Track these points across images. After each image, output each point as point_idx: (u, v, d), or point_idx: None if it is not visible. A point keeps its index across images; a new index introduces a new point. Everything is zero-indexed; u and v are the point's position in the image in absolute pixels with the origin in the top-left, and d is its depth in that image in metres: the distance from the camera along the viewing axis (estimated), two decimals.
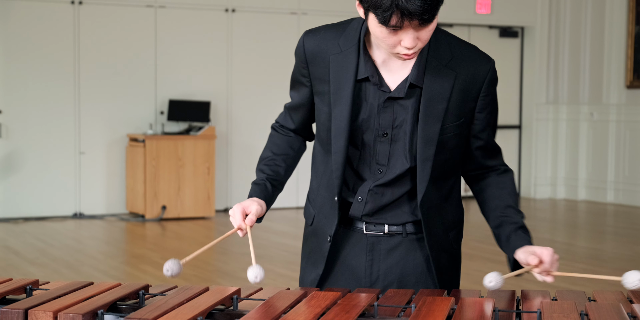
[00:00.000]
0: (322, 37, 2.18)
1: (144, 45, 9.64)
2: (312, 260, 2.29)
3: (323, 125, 2.21)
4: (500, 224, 2.21)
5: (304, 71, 2.22)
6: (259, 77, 10.15)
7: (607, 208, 10.64)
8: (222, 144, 10.05)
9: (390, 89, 2.13)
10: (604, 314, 1.77)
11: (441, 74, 2.11)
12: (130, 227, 9.02)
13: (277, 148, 2.33)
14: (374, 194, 2.18)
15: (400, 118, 2.13)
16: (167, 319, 1.72)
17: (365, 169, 2.19)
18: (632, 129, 10.64)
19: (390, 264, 2.24)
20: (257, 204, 2.16)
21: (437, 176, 2.18)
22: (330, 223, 2.23)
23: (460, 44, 2.17)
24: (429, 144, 2.12)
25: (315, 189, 2.30)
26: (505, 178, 2.27)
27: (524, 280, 6.39)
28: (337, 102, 2.14)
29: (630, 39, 10.59)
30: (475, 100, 2.15)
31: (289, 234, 8.54)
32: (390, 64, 2.13)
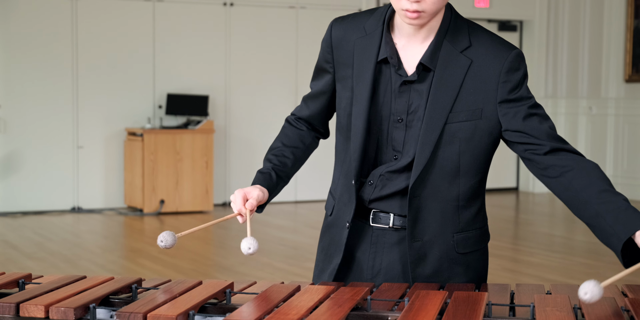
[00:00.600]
0: (349, 23, 2.20)
1: (142, 39, 9.63)
2: (331, 251, 2.26)
3: (344, 111, 2.20)
4: (598, 213, 1.95)
5: (328, 57, 2.23)
6: (257, 71, 10.14)
7: None
8: (221, 138, 10.04)
9: (407, 73, 2.13)
10: (598, 308, 1.77)
11: (455, 60, 2.09)
12: (128, 221, 9.02)
13: (288, 140, 2.32)
14: (385, 179, 2.17)
15: (415, 104, 2.12)
16: (159, 313, 1.71)
17: (383, 155, 2.18)
18: (631, 123, 10.63)
19: (393, 258, 2.22)
20: (259, 189, 2.14)
21: (449, 170, 2.12)
22: (348, 209, 2.21)
23: (483, 34, 2.13)
24: (432, 129, 2.09)
25: (336, 179, 2.28)
26: (588, 164, 2.04)
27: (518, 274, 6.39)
28: (358, 83, 2.15)
29: (629, 33, 10.58)
30: (494, 90, 2.09)
31: (288, 228, 8.54)
32: (409, 48, 2.13)
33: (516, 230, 8.88)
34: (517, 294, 2.04)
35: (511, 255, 7.19)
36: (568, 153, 2.08)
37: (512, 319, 1.80)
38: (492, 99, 2.09)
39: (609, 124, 10.88)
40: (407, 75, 2.12)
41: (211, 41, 9.94)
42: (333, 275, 2.24)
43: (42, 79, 9.27)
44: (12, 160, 9.20)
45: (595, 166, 2.04)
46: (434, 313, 1.71)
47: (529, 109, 2.09)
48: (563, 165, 2.06)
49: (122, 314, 1.72)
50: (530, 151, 2.10)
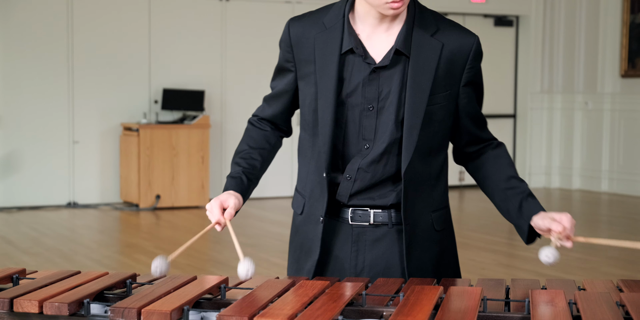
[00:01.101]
0: (307, 20, 2.22)
1: (138, 34, 9.61)
2: (306, 249, 2.26)
3: (309, 108, 2.20)
4: (506, 197, 2.19)
5: (288, 56, 2.23)
6: (253, 66, 10.12)
7: (601, 197, 10.65)
8: (217, 133, 10.03)
9: (375, 61, 2.14)
10: (593, 303, 1.76)
11: (428, 44, 2.14)
12: (124, 216, 9.01)
13: (254, 142, 2.31)
14: (363, 172, 2.17)
15: (385, 90, 2.14)
16: (153, 308, 1.70)
17: (352, 146, 2.18)
18: (627, 118, 10.64)
19: (376, 255, 2.22)
20: (234, 197, 2.14)
21: (425, 151, 2.17)
22: (320, 204, 2.20)
23: (444, 19, 2.21)
24: (416, 112, 2.12)
25: (304, 176, 2.28)
26: (500, 151, 2.27)
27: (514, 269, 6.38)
28: (322, 77, 2.15)
29: (625, 28, 10.57)
30: (461, 73, 2.17)
31: (283, 223, 8.53)
32: (374, 37, 2.16)
33: (511, 226, 8.87)
34: (513, 289, 2.04)
35: (507, 251, 7.20)
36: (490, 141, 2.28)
37: (508, 314, 1.80)
38: (458, 82, 2.18)
39: (605, 119, 10.88)
40: (375, 63, 2.14)
41: (207, 36, 9.92)
42: (311, 273, 2.23)
43: (38, 75, 9.25)
44: (11, 160, 9.19)
45: (505, 151, 2.27)
46: (429, 308, 1.70)
47: (478, 96, 2.24)
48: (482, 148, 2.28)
49: (117, 309, 1.71)
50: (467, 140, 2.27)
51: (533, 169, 11.49)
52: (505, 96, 11.62)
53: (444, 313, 1.67)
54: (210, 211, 2.12)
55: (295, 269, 2.31)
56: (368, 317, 1.83)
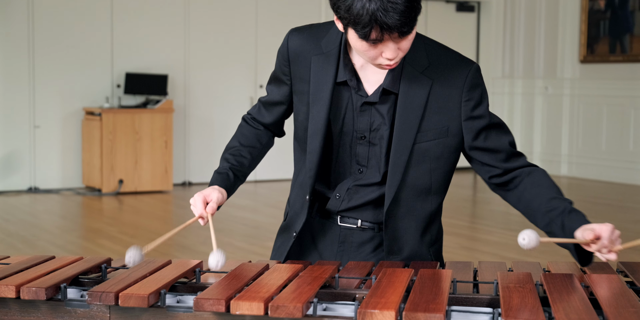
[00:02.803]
0: (307, 37, 2.19)
1: (100, 17, 9.53)
2: (279, 253, 2.30)
3: (301, 124, 2.22)
4: (550, 221, 2.07)
5: (285, 69, 2.23)
6: (216, 50, 10.10)
7: (560, 181, 10.79)
8: (180, 117, 10.01)
9: (367, 94, 2.14)
10: (559, 284, 1.82)
11: (417, 82, 2.10)
12: (86, 201, 8.97)
13: (245, 139, 2.33)
14: (353, 193, 2.20)
15: (377, 122, 2.15)
16: (130, 292, 1.73)
17: (346, 168, 2.20)
18: (586, 103, 10.78)
19: (360, 258, 2.26)
20: (218, 192, 2.16)
21: (423, 188, 2.17)
22: (299, 220, 2.24)
23: (439, 50, 2.15)
24: (401, 150, 2.12)
25: (293, 185, 2.33)
26: (536, 177, 2.15)
27: (477, 252, 6.44)
28: (315, 102, 2.16)
29: (584, 15, 10.69)
30: (458, 108, 2.12)
31: (247, 207, 8.55)
32: (369, 68, 2.14)
33: (474, 209, 8.99)
34: (480, 271, 2.08)
35: (469, 234, 7.28)
36: (521, 169, 2.17)
37: (477, 295, 1.85)
38: (457, 116, 2.13)
39: (565, 103, 11.02)
40: (367, 96, 2.14)
41: (170, 20, 9.87)
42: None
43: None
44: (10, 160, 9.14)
45: (543, 174, 2.15)
46: (401, 290, 1.74)
47: (489, 127, 2.16)
48: (515, 178, 2.17)
49: (94, 293, 1.73)
50: (488, 173, 2.19)
51: None
52: None
53: (416, 295, 1.71)
54: (194, 205, 2.13)
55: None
56: (341, 299, 1.87)
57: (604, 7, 10.49)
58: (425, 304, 1.65)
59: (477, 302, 1.84)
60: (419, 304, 1.64)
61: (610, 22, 10.44)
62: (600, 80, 10.59)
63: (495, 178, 2.20)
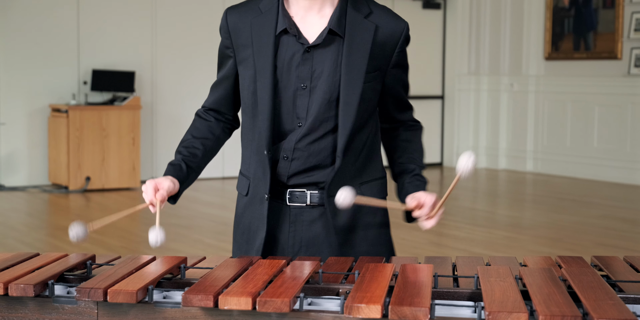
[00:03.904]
0: (243, 7, 2.30)
1: (66, 13, 9.47)
2: (254, 229, 2.31)
3: (248, 90, 2.27)
4: (399, 173, 2.34)
5: (227, 42, 2.31)
6: (184, 46, 10.08)
7: (526, 177, 10.90)
8: (147, 114, 9.98)
9: (308, 42, 2.22)
10: (538, 278, 1.86)
11: (362, 25, 2.23)
12: (53, 198, 8.92)
13: (197, 131, 2.38)
14: (299, 151, 2.24)
15: (319, 70, 2.22)
16: (119, 288, 1.75)
17: (287, 125, 2.24)
18: (551, 100, 10.90)
19: (312, 235, 2.29)
20: (170, 181, 2.20)
21: (357, 128, 2.25)
22: (264, 183, 2.26)
23: (376, 4, 2.30)
24: (353, 90, 2.20)
25: (247, 158, 2.34)
26: (413, 133, 2.40)
27: (445, 247, 6.48)
28: (259, 58, 2.22)
29: (549, 12, 10.81)
30: (390, 56, 2.27)
31: (216, 204, 8.56)
32: (308, 19, 2.24)
33: None
34: (459, 266, 2.12)
35: (437, 230, 7.34)
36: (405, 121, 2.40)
37: (457, 289, 1.89)
38: (387, 64, 2.27)
39: (530, 100, 11.14)
40: (308, 43, 2.22)
41: (137, 16, 9.83)
42: (260, 251, 2.28)
43: None
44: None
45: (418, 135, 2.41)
46: (385, 285, 1.78)
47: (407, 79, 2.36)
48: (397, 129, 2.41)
49: (83, 289, 1.75)
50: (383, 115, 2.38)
51: (460, 149, 11.70)
52: (433, 78, 11.79)
53: (400, 289, 1.75)
54: (145, 192, 2.18)
55: (245, 250, 2.35)
56: (325, 294, 1.90)
57: (568, 5, 10.62)
58: (410, 298, 1.68)
59: (458, 296, 1.88)
60: (403, 298, 1.68)
61: (575, 19, 10.57)
62: (565, 77, 10.73)
63: (385, 123, 2.40)
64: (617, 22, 10.08)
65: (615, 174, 10.19)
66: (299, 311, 1.73)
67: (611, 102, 10.22)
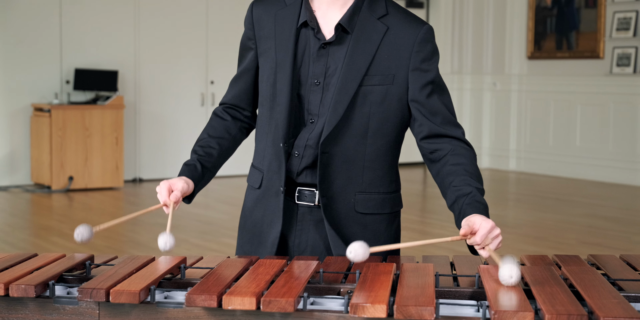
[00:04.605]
0: (269, 1, 2.29)
1: (48, 11, 9.41)
2: (267, 222, 2.28)
3: (267, 82, 2.25)
4: (454, 202, 2.14)
5: (250, 33, 2.30)
6: (167, 45, 10.04)
7: (509, 175, 10.94)
8: (130, 113, 9.93)
9: (325, 37, 2.21)
10: (539, 277, 1.86)
11: (372, 26, 2.20)
12: (36, 198, 8.86)
13: (214, 131, 2.35)
14: (310, 149, 2.22)
15: (332, 67, 2.20)
16: (121, 288, 1.73)
17: (301, 119, 2.23)
18: (533, 99, 10.95)
19: (319, 235, 2.27)
20: (184, 181, 2.18)
21: (360, 131, 2.20)
22: (279, 176, 2.24)
23: (398, 6, 2.26)
24: (345, 88, 2.17)
25: (261, 151, 2.30)
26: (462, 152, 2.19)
27: (429, 246, 6.47)
28: (280, 50, 2.22)
29: (531, 11, 10.85)
30: (408, 58, 2.19)
31: (201, 204, 8.53)
32: (329, 14, 2.22)
33: (425, 204, 9.08)
34: (457, 265, 2.12)
35: (421, 229, 7.36)
36: (452, 140, 2.21)
37: (459, 288, 1.88)
38: (405, 66, 2.20)
39: (512, 99, 11.18)
40: (325, 39, 2.21)
41: (120, 14, 9.78)
42: (275, 244, 2.25)
43: None
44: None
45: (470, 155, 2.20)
46: (388, 284, 1.78)
47: (435, 86, 2.21)
48: (443, 149, 2.20)
49: (85, 290, 1.74)
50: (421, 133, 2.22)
51: None
52: None
53: (404, 288, 1.75)
54: (159, 193, 2.17)
55: (256, 243, 2.31)
56: (326, 293, 1.90)
57: (550, 4, 10.66)
58: (415, 297, 1.68)
59: (459, 295, 1.88)
60: (408, 298, 1.68)
61: (557, 19, 10.61)
62: (547, 76, 10.77)
63: (425, 141, 2.23)
64: (599, 22, 10.14)
65: (598, 173, 10.24)
66: (302, 311, 1.72)
67: (593, 101, 10.27)
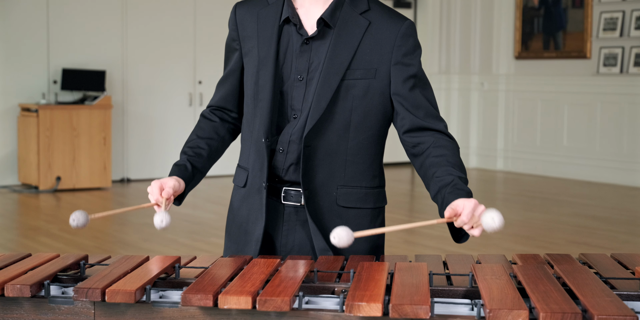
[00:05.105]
0: (251, 1, 2.31)
1: (36, 11, 9.38)
2: (252, 220, 2.28)
3: (251, 80, 2.26)
4: (437, 192, 2.13)
5: (234, 34, 2.32)
6: (155, 45, 10.02)
7: (496, 175, 10.98)
8: (118, 113, 9.91)
9: (307, 33, 2.23)
10: (533, 275, 1.87)
11: (354, 21, 2.22)
12: (23, 198, 8.84)
13: (202, 132, 2.36)
14: (294, 144, 2.23)
15: (315, 62, 2.22)
16: (117, 288, 1.73)
17: (283, 115, 2.24)
18: (521, 99, 10.98)
19: (305, 235, 2.27)
20: (174, 180, 2.19)
21: (342, 125, 2.21)
22: (262, 173, 2.24)
23: (381, 3, 2.29)
24: (328, 83, 2.18)
25: (247, 150, 2.32)
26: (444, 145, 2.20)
27: (418, 246, 6.49)
28: (263, 47, 2.23)
29: (519, 11, 10.89)
30: (390, 53, 2.21)
31: (188, 204, 8.52)
32: (311, 10, 2.24)
33: (412, 204, 9.10)
34: (450, 264, 2.13)
35: (409, 228, 7.36)
36: (434, 133, 2.23)
37: (452, 287, 1.89)
38: (387, 60, 2.22)
39: (500, 99, 11.21)
40: (308, 34, 2.23)
41: (108, 14, 9.76)
42: (259, 241, 2.25)
43: None
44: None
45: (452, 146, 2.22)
46: (382, 283, 1.78)
47: (417, 80, 2.23)
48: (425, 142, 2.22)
49: (80, 289, 1.74)
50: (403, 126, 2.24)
51: None
52: None
53: (399, 287, 1.75)
54: (150, 193, 2.17)
55: (242, 243, 2.31)
56: (320, 292, 1.90)
57: (537, 5, 10.70)
58: (410, 296, 1.69)
59: (453, 294, 1.89)
60: (403, 296, 1.68)
61: (544, 19, 10.65)
62: (535, 76, 10.81)
63: (408, 134, 2.24)
64: (586, 22, 10.18)
65: (585, 172, 10.28)
66: (298, 310, 1.73)
67: (580, 101, 10.31)
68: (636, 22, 9.77)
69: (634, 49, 9.77)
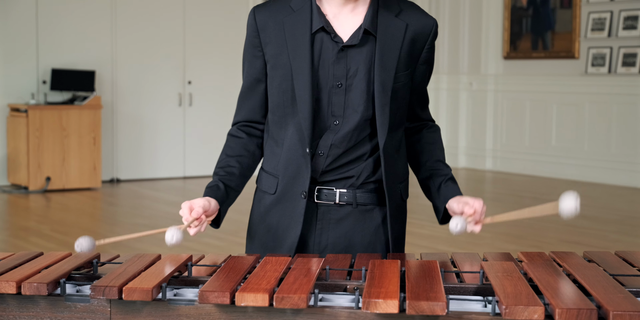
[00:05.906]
0: (271, 6, 2.28)
1: (25, 11, 9.35)
2: (283, 227, 2.28)
3: (277, 89, 2.25)
4: (430, 176, 2.34)
5: (255, 41, 2.28)
6: (144, 45, 10.01)
7: (485, 175, 11.01)
8: (108, 113, 9.89)
9: (342, 40, 2.23)
10: (543, 272, 1.89)
11: (393, 24, 2.24)
12: (13, 199, 8.81)
13: (231, 150, 2.33)
14: (335, 148, 2.24)
15: (353, 68, 2.23)
16: (134, 286, 1.74)
17: (322, 123, 2.24)
18: (509, 99, 11.03)
19: (339, 233, 2.29)
20: (204, 199, 2.15)
21: (392, 127, 2.27)
22: (302, 181, 2.25)
23: (405, 1, 2.32)
24: (385, 90, 2.21)
25: (276, 156, 2.30)
26: (435, 134, 2.42)
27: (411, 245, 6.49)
28: (296, 57, 2.22)
29: (507, 11, 10.94)
30: (420, 52, 2.29)
31: (178, 203, 8.51)
32: (341, 18, 2.24)
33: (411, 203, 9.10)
34: (457, 262, 2.15)
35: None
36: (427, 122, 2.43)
37: (464, 284, 1.91)
38: (416, 59, 2.29)
39: (489, 99, 11.25)
40: (342, 42, 2.23)
41: (97, 14, 9.74)
42: (293, 249, 2.27)
43: None
44: None
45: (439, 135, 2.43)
46: (396, 280, 1.80)
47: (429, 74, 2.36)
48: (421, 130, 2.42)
49: (97, 288, 1.74)
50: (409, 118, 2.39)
51: None
52: None
53: (413, 284, 1.77)
54: (183, 216, 2.13)
55: (271, 248, 2.31)
56: (332, 290, 1.91)
57: (526, 5, 10.75)
58: (425, 292, 1.70)
59: (464, 291, 1.91)
60: (419, 293, 1.70)
61: (533, 19, 10.70)
62: (523, 76, 10.86)
63: (409, 123, 2.40)
64: (574, 22, 10.23)
65: (574, 172, 10.34)
66: (314, 307, 1.74)
67: (569, 101, 10.37)
68: (624, 22, 9.83)
69: (622, 49, 9.82)
